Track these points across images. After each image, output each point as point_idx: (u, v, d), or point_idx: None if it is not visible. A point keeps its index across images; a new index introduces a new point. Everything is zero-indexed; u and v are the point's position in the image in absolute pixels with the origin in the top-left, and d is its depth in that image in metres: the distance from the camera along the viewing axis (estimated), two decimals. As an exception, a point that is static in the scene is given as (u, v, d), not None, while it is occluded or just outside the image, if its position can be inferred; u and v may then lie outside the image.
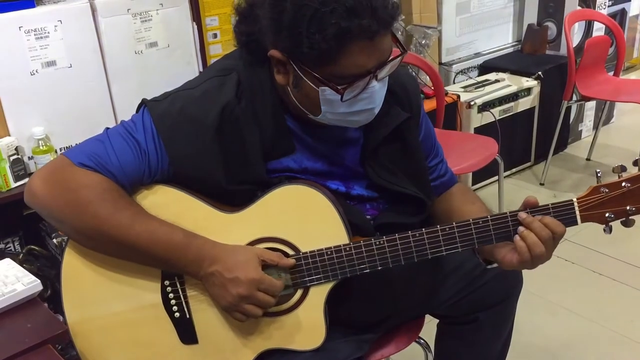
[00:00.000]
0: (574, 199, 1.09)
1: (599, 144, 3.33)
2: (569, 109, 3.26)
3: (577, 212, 1.09)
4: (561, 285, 2.32)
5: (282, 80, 1.07)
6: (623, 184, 1.08)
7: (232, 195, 1.12)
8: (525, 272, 1.18)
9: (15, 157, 1.79)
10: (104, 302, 1.13)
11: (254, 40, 1.07)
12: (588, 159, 3.32)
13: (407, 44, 2.99)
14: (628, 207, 1.09)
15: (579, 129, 3.50)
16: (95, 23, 1.86)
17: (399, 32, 2.96)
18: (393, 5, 1.00)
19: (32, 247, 1.92)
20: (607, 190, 1.08)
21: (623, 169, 1.09)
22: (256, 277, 1.06)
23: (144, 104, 1.12)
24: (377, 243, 1.11)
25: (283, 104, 1.12)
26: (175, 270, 1.10)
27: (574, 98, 3.03)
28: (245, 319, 1.09)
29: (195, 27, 2.04)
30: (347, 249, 1.11)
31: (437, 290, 1.35)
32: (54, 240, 1.88)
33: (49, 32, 1.78)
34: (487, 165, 2.37)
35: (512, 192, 3.03)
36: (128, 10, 1.90)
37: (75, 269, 1.12)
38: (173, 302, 1.14)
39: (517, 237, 1.09)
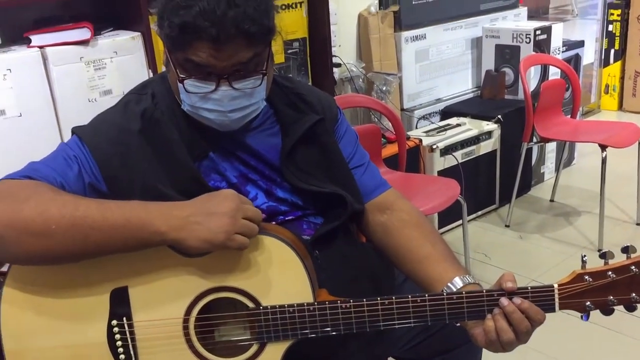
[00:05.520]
0: (555, 285, 1.04)
1: (561, 186, 3.37)
2: (530, 151, 3.31)
3: (557, 299, 1.04)
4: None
5: (163, 57, 1.15)
6: (609, 273, 1.03)
7: None
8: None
9: (-40, 209, 1.72)
10: (44, 334, 1.07)
11: None
12: (552, 200, 3.35)
13: (369, 90, 3.02)
14: (610, 298, 1.03)
15: (542, 171, 3.55)
16: (47, 71, 1.82)
17: (360, 79, 3.00)
18: (252, 21, 1.03)
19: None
20: (590, 280, 1.03)
21: (610, 255, 1.04)
22: (231, 191, 1.06)
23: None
24: (343, 307, 1.06)
25: None
26: (139, 233, 1.01)
27: (534, 140, 3.08)
28: (247, 242, 1.03)
29: (151, 74, 2.02)
30: (311, 308, 1.06)
31: (395, 332, 1.30)
32: (1, 296, 1.79)
33: (-3, 81, 1.74)
34: (451, 208, 2.37)
35: (478, 234, 3.02)
36: (81, 58, 1.87)
37: (16, 299, 1.07)
38: (119, 343, 1.08)
39: (488, 316, 1.06)
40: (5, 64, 1.75)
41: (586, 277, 1.03)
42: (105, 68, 1.92)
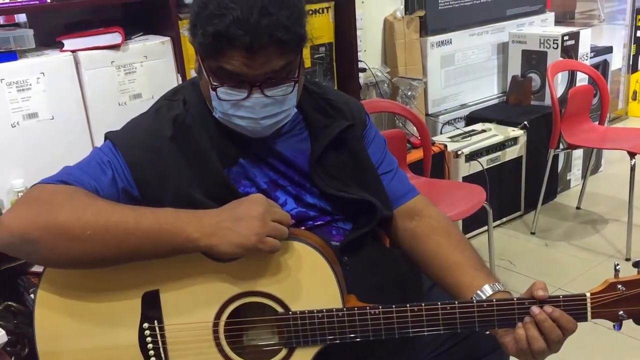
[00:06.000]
0: (588, 294, 1.03)
1: (588, 193, 3.33)
2: (556, 158, 3.27)
3: (589, 308, 1.03)
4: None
5: (195, 66, 1.16)
6: None
7: None
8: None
9: (-7, 210, 1.75)
10: (77, 337, 1.09)
11: None
12: (578, 208, 3.31)
13: (393, 95, 3.02)
14: None
15: (568, 178, 3.51)
16: (79, 75, 1.85)
17: (385, 84, 2.99)
18: (286, 29, 1.04)
19: (10, 303, 1.85)
20: (623, 289, 1.02)
21: None
22: (262, 197, 1.06)
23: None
24: (372, 313, 1.06)
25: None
26: (173, 240, 1.02)
27: (561, 146, 3.05)
28: (278, 245, 1.03)
29: (180, 79, 2.04)
30: (340, 314, 1.06)
31: (421, 339, 1.29)
32: (32, 296, 1.82)
33: (31, 84, 1.77)
34: (476, 214, 2.35)
35: (503, 241, 3.00)
36: (112, 62, 1.90)
37: (50, 301, 1.09)
38: (150, 346, 1.09)
39: (519, 324, 1.05)
40: (38, 68, 1.78)
41: (619, 286, 1.02)
42: (135, 72, 1.94)
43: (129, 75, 1.94)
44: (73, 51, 1.85)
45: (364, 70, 2.85)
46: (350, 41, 2.49)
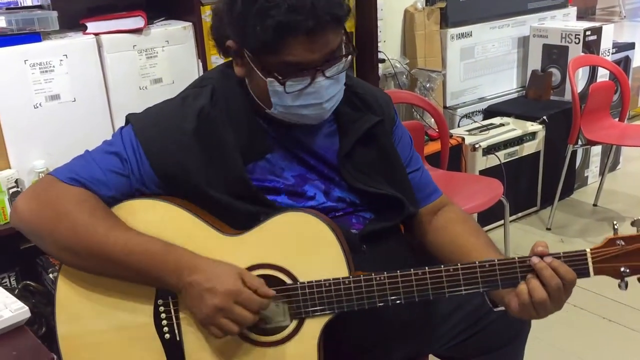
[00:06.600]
0: (587, 250, 1.05)
1: (605, 190, 3.30)
2: (574, 154, 3.25)
3: (590, 264, 1.05)
4: (570, 332, 2.24)
5: (240, 72, 1.13)
6: None
7: (230, 213, 1.11)
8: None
9: (14, 189, 1.77)
10: (95, 318, 1.12)
11: (225, 37, 1.14)
12: (595, 205, 3.28)
13: (412, 87, 3.01)
14: None
15: (585, 174, 3.48)
16: (101, 58, 1.87)
17: (404, 76, 2.98)
18: (340, 5, 1.05)
19: (28, 282, 1.88)
20: (623, 244, 1.03)
21: None
22: (234, 289, 1.03)
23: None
24: (378, 279, 1.07)
25: (254, 107, 1.16)
26: (154, 282, 1.08)
27: (580, 142, 3.02)
28: (222, 335, 1.05)
29: (201, 64, 2.05)
30: (347, 282, 1.08)
31: (437, 329, 1.30)
32: (50, 276, 1.84)
33: (54, 66, 1.78)
34: (492, 208, 2.34)
35: (518, 236, 2.98)
36: (134, 46, 1.91)
37: (69, 285, 1.12)
38: (164, 322, 1.11)
39: (521, 282, 1.06)
40: (61, 50, 1.80)
41: (618, 241, 1.04)
42: (157, 57, 1.95)
43: (150, 60, 1.95)
44: (96, 34, 1.86)
45: (383, 60, 2.84)
46: (370, 31, 2.48)
